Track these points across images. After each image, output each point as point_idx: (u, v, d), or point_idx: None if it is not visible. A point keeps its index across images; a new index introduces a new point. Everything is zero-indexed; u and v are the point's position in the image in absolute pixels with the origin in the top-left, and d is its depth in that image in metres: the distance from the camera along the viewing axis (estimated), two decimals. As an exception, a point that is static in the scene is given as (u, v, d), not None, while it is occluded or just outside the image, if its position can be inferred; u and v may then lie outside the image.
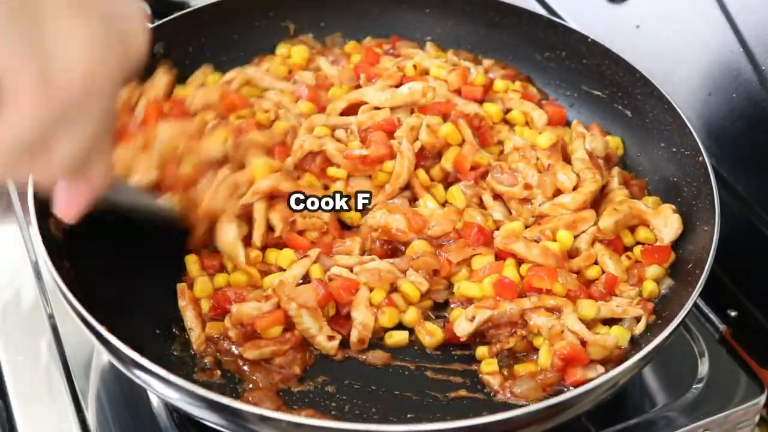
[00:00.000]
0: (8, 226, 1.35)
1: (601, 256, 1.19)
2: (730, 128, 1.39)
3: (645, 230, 1.23)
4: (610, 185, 1.30)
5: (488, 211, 1.26)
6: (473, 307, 1.13)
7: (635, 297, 1.16)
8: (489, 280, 1.15)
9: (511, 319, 1.12)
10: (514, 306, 1.11)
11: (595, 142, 1.33)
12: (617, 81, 1.39)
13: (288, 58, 1.48)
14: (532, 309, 1.11)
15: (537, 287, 1.13)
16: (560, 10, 1.71)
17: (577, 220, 1.22)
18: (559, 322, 1.10)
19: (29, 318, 1.23)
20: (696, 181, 1.24)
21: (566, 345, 1.07)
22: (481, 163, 1.28)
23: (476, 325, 1.11)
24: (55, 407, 1.12)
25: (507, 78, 1.45)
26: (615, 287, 1.17)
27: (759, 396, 1.18)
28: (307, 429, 0.91)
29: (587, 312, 1.11)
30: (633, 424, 1.15)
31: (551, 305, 1.12)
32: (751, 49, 1.33)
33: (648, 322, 1.13)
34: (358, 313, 1.13)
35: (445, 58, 1.48)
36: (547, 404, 0.93)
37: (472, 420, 0.96)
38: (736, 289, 1.34)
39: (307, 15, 1.52)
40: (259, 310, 1.10)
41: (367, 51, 1.47)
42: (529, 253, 1.16)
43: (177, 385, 0.92)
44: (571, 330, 1.09)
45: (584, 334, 1.09)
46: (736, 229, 1.26)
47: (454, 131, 1.29)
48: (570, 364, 1.07)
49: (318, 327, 1.11)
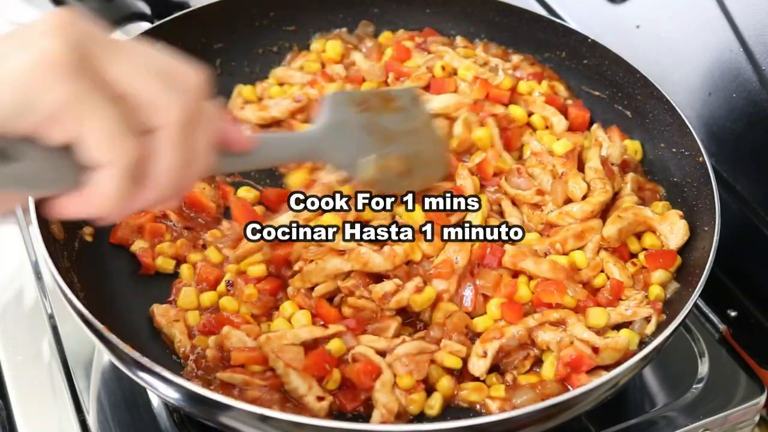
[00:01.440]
0: (8, 226, 1.35)
1: (606, 264, 1.19)
2: (730, 128, 1.39)
3: (651, 236, 1.22)
4: (622, 191, 1.28)
5: (506, 217, 1.24)
6: (479, 342, 1.09)
7: (642, 300, 1.15)
8: (495, 303, 1.12)
9: (521, 341, 1.09)
10: (520, 327, 1.09)
11: (612, 147, 1.32)
12: (617, 81, 1.39)
13: (323, 52, 1.49)
14: (538, 326, 1.10)
15: (547, 302, 1.12)
16: (560, 10, 1.71)
17: (585, 230, 1.20)
18: (566, 334, 1.09)
19: (29, 318, 1.23)
20: (696, 181, 1.24)
21: (572, 351, 1.06)
22: (503, 168, 1.28)
23: (490, 359, 1.07)
24: (55, 407, 1.12)
25: (534, 76, 1.44)
26: (621, 293, 1.16)
27: (759, 396, 1.18)
28: (307, 429, 0.91)
29: (598, 321, 1.10)
30: (633, 424, 1.15)
31: (555, 319, 1.10)
32: (751, 49, 1.33)
33: (658, 321, 1.12)
34: (382, 395, 1.04)
35: (475, 55, 1.47)
36: (547, 404, 0.93)
37: (472, 420, 0.96)
38: (736, 289, 1.34)
39: (307, 15, 1.52)
40: (242, 343, 1.06)
41: (397, 46, 1.47)
42: (539, 269, 1.14)
43: (177, 385, 0.92)
44: (580, 339, 1.08)
45: (594, 341, 1.07)
46: (736, 229, 1.26)
47: (486, 136, 1.29)
48: (576, 371, 1.06)
49: (307, 387, 1.02)
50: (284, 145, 1.07)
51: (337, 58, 1.48)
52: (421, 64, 1.44)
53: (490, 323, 1.12)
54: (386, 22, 1.54)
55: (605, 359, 1.07)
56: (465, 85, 1.39)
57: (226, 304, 1.13)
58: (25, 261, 1.29)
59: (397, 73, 1.42)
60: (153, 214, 1.23)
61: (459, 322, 1.11)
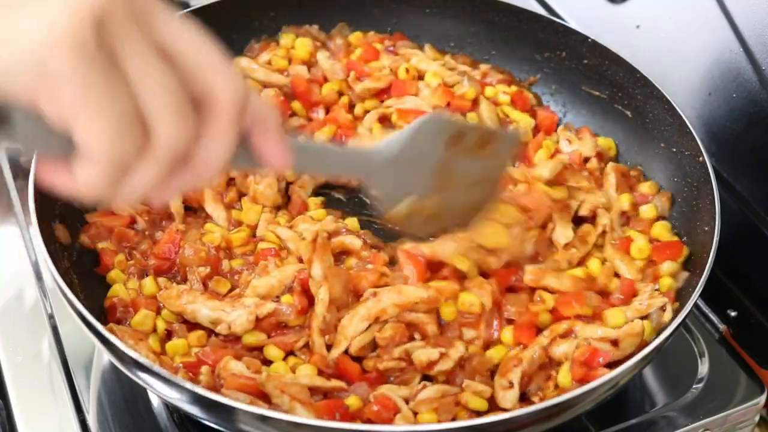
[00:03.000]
0: (8, 226, 1.35)
1: (613, 260, 1.19)
2: (730, 128, 1.39)
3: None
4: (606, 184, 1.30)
5: None
6: (498, 376, 1.05)
7: (653, 292, 1.16)
8: (508, 331, 1.10)
9: (541, 362, 1.06)
10: (536, 348, 1.07)
11: (582, 144, 1.34)
12: (617, 81, 1.39)
13: (292, 48, 1.47)
14: (550, 343, 1.08)
15: (567, 315, 1.11)
16: (560, 10, 1.71)
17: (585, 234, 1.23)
18: (580, 339, 1.08)
19: (29, 318, 1.23)
20: (696, 181, 1.24)
21: (585, 350, 1.05)
22: None
23: (518, 387, 1.03)
24: (55, 407, 1.12)
25: (503, 83, 1.45)
26: (633, 291, 1.16)
27: (759, 396, 1.18)
28: (307, 429, 0.91)
29: (617, 320, 1.10)
30: (633, 424, 1.15)
31: (564, 330, 1.09)
32: (751, 49, 1.33)
33: (674, 309, 1.11)
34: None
35: (443, 61, 1.48)
36: (547, 404, 0.93)
37: (472, 420, 0.96)
38: (736, 289, 1.34)
39: (307, 15, 1.52)
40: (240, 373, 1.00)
41: (366, 46, 1.47)
42: (562, 285, 1.13)
43: (177, 385, 0.92)
44: (596, 339, 1.07)
45: (610, 334, 1.07)
46: (736, 229, 1.26)
47: None
48: (592, 366, 1.05)
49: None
50: (330, 160, 0.91)
51: (305, 56, 1.44)
52: (387, 65, 1.43)
53: (504, 352, 1.09)
54: (385, 22, 1.54)
55: (626, 348, 1.07)
56: (428, 91, 1.38)
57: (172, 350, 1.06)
58: (25, 261, 1.29)
59: (359, 72, 1.41)
60: (125, 220, 1.19)
61: (479, 365, 1.07)
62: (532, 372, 1.06)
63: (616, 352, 1.07)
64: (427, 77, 1.41)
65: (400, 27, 1.54)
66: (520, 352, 1.07)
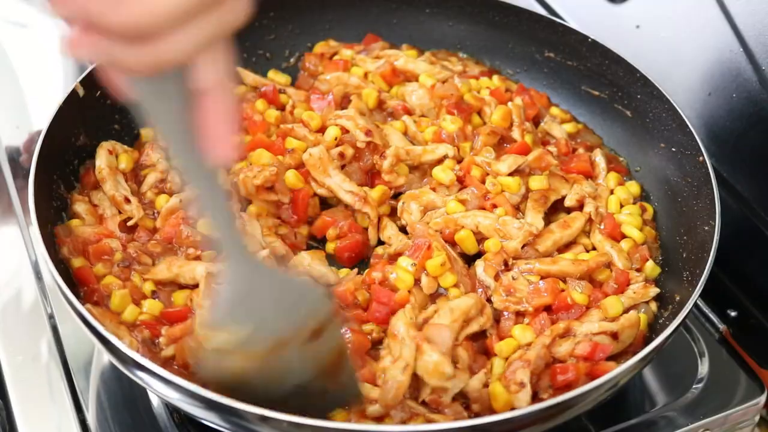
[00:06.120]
0: (8, 226, 1.35)
1: (603, 244, 1.22)
2: (730, 128, 1.39)
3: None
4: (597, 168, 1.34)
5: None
6: (506, 378, 1.05)
7: (643, 282, 1.18)
8: (519, 329, 1.10)
9: (546, 360, 1.07)
10: (538, 346, 1.07)
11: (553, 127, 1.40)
12: (617, 81, 1.39)
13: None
14: (551, 343, 1.08)
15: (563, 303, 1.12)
16: (560, 10, 1.71)
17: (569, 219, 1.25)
18: (580, 336, 1.08)
19: (29, 318, 1.23)
20: (696, 181, 1.24)
21: (586, 345, 1.06)
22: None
23: (529, 386, 1.03)
24: (55, 407, 1.12)
25: (484, 75, 1.47)
26: (627, 280, 1.17)
27: (759, 396, 1.18)
28: (307, 429, 0.91)
29: (615, 309, 1.12)
30: (633, 424, 1.15)
31: (562, 329, 1.09)
32: (751, 49, 1.33)
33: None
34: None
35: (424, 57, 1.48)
36: (547, 404, 0.93)
37: (472, 420, 0.96)
38: (736, 289, 1.34)
39: (307, 15, 1.52)
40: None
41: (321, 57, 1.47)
42: (578, 269, 1.16)
43: (177, 385, 0.92)
44: (595, 333, 1.08)
45: (608, 327, 1.09)
46: (736, 229, 1.27)
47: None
48: (595, 361, 1.06)
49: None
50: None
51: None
52: (373, 70, 1.43)
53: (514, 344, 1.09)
54: (384, 22, 1.54)
55: (626, 340, 1.09)
56: (422, 91, 1.38)
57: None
58: (25, 261, 1.29)
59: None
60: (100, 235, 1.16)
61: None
62: (539, 371, 1.06)
63: (616, 345, 1.08)
64: (421, 78, 1.41)
65: (400, 27, 1.54)
66: (524, 353, 1.08)
